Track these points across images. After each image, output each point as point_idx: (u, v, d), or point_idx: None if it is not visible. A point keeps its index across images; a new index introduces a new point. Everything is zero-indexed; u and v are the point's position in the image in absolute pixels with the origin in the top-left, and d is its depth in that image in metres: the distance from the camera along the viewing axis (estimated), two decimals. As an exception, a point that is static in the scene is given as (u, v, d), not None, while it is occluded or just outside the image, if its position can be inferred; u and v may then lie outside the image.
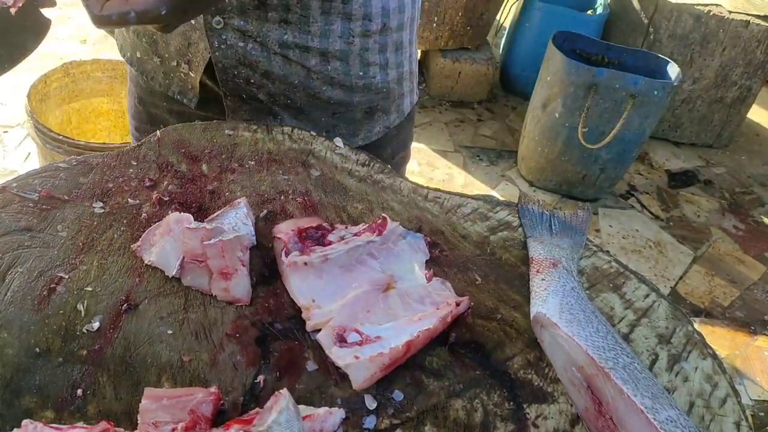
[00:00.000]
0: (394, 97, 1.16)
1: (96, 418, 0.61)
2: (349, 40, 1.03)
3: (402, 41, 1.11)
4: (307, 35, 1.01)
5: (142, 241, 0.78)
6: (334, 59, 1.05)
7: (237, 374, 0.68)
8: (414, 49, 1.19)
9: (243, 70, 1.04)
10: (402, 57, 1.13)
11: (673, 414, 0.62)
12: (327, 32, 1.01)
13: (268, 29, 1.00)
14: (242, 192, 0.90)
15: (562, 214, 0.94)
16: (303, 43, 1.02)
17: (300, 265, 0.77)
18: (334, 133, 1.12)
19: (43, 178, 0.86)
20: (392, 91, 1.14)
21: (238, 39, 1.01)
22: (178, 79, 1.12)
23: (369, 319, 0.74)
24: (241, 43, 1.01)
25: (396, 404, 0.68)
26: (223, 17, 1.00)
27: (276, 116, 1.10)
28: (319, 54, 1.03)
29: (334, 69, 1.05)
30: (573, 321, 0.73)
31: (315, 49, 1.03)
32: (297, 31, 1.01)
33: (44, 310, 0.70)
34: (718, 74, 3.56)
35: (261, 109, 1.09)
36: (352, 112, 1.12)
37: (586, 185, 3.13)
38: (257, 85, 1.06)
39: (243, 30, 1.00)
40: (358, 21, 1.02)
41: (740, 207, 3.38)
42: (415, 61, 1.21)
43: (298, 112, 1.09)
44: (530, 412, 0.70)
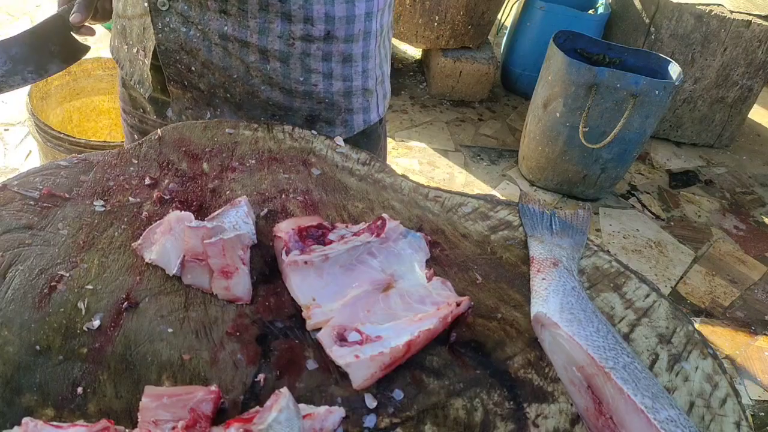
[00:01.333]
0: (340, 110, 1.12)
1: (96, 416, 0.61)
2: (290, 41, 1.02)
3: (352, 54, 1.07)
4: (246, 30, 1.00)
5: (142, 239, 0.78)
6: (273, 59, 1.03)
7: (237, 373, 0.68)
8: (371, 65, 1.13)
9: (184, 57, 1.04)
10: (351, 70, 1.09)
11: (673, 414, 0.62)
12: (266, 30, 1.00)
13: (209, 18, 1.00)
14: (243, 191, 0.90)
15: (563, 213, 0.94)
16: (242, 37, 1.01)
17: (300, 264, 0.77)
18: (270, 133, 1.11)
19: (44, 177, 0.86)
20: (337, 103, 1.11)
21: (181, 24, 1.01)
22: (138, 67, 1.13)
23: (369, 318, 0.75)
24: (183, 29, 1.01)
25: (396, 403, 0.68)
26: (169, 1, 0.99)
27: (216, 108, 1.09)
28: (258, 51, 1.02)
29: (273, 69, 1.04)
30: (573, 320, 0.73)
31: (254, 45, 1.02)
32: (236, 25, 1.00)
33: (45, 308, 0.70)
34: (719, 74, 3.56)
35: (201, 99, 1.08)
36: (292, 117, 1.10)
37: (586, 185, 3.13)
38: (198, 73, 1.05)
39: (186, 15, 1.00)
40: (299, 24, 1.01)
41: (741, 207, 3.38)
42: (374, 79, 1.16)
43: (237, 108, 1.08)
44: (530, 412, 0.70)
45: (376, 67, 1.15)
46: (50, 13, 1.17)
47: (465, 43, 3.72)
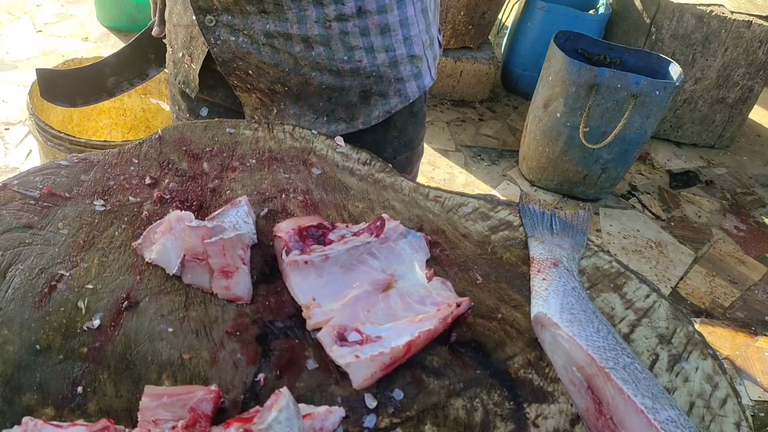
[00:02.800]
0: (390, 81, 1.14)
1: (96, 416, 0.61)
2: (327, 24, 1.04)
3: (388, 24, 1.08)
4: (286, 23, 1.03)
5: (143, 239, 0.78)
6: (316, 44, 1.06)
7: (237, 372, 0.68)
8: (414, 32, 1.12)
9: (240, 63, 1.09)
10: (391, 40, 1.10)
11: (674, 414, 0.62)
12: (303, 18, 1.03)
13: (252, 21, 1.04)
14: (243, 190, 0.90)
15: (563, 213, 0.94)
16: (284, 30, 1.04)
17: (300, 263, 0.77)
18: (334, 117, 1.14)
19: (44, 176, 0.86)
20: (385, 75, 1.12)
21: (230, 34, 1.06)
22: (183, 70, 1.20)
23: (369, 318, 0.75)
24: (232, 38, 1.06)
25: (396, 403, 0.68)
26: (213, 15, 1.05)
27: (280, 103, 1.13)
28: (301, 40, 1.05)
29: (318, 54, 1.07)
30: (574, 321, 0.73)
31: (296, 36, 1.05)
32: (276, 20, 1.03)
33: (45, 307, 0.70)
34: (719, 74, 3.56)
35: (266, 98, 1.13)
36: (347, 96, 1.12)
37: (587, 185, 3.12)
38: (255, 75, 1.10)
39: (231, 25, 1.05)
40: (331, 5, 1.03)
41: (741, 208, 3.38)
42: (420, 45, 1.15)
43: (296, 99, 1.12)
44: (530, 412, 0.70)
45: (421, 32, 1.15)
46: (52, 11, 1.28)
47: (465, 43, 3.72)
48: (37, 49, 3.50)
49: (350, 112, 1.14)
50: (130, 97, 2.43)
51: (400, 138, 1.23)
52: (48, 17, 3.80)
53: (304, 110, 1.13)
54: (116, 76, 1.33)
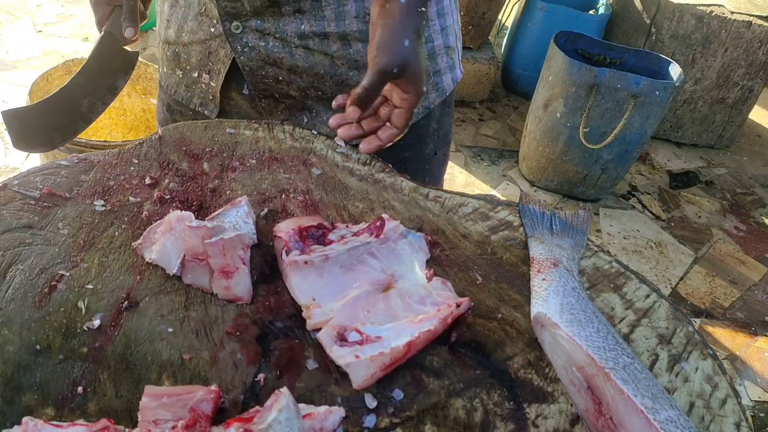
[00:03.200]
0: (429, 74, 1.11)
1: (96, 416, 0.62)
2: (366, 19, 1.02)
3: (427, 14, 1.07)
4: (323, 21, 1.01)
5: (143, 239, 0.78)
6: (354, 41, 1.03)
7: (237, 372, 0.68)
8: (449, 22, 1.13)
9: (270, 70, 1.05)
10: (429, 31, 1.09)
11: (673, 414, 0.62)
12: (342, 14, 1.01)
13: (284, 23, 1.00)
14: (243, 190, 0.90)
15: (563, 214, 0.94)
16: (320, 30, 1.01)
17: (300, 264, 0.77)
18: None
19: (44, 176, 0.86)
20: None
21: (259, 39, 1.02)
22: (199, 91, 1.14)
23: (369, 318, 0.75)
24: (262, 43, 1.02)
25: (396, 403, 0.68)
26: (240, 21, 1.01)
27: (311, 110, 1.09)
28: (338, 38, 1.02)
29: (356, 51, 1.04)
30: (573, 321, 0.73)
31: (334, 34, 1.02)
32: (312, 19, 1.00)
33: (45, 307, 0.70)
34: (719, 75, 3.56)
35: (295, 106, 1.09)
36: None
37: (587, 185, 3.12)
38: (286, 81, 1.06)
39: (261, 29, 1.01)
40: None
41: (741, 208, 3.38)
42: (453, 35, 1.16)
43: (329, 102, 1.08)
44: (530, 412, 0.70)
45: (454, 23, 1.15)
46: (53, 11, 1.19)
47: (466, 43, 3.72)
48: (37, 49, 3.50)
49: None
50: (130, 97, 2.43)
51: (439, 132, 1.21)
52: (48, 17, 3.80)
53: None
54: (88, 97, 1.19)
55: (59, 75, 2.28)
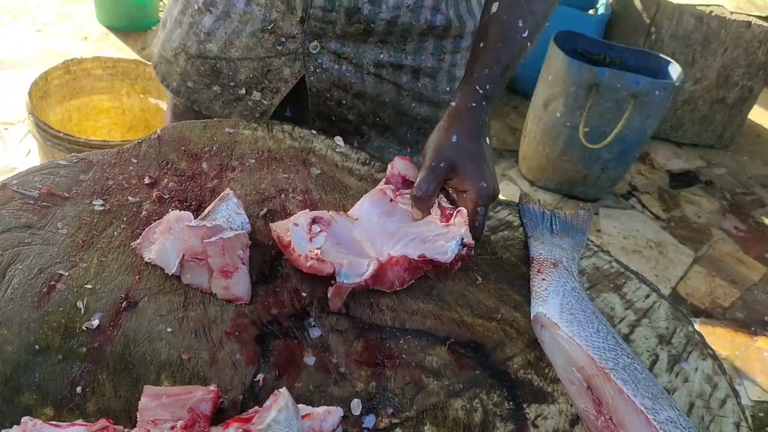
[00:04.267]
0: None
1: (95, 416, 0.61)
2: (441, 57, 1.04)
3: None
4: (402, 53, 1.02)
5: (142, 238, 0.78)
6: (424, 76, 1.05)
7: (236, 373, 0.68)
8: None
9: (336, 92, 1.05)
10: None
11: (673, 415, 0.62)
12: (420, 49, 1.02)
13: (364, 50, 1.01)
14: (242, 190, 0.90)
15: (563, 213, 0.94)
16: (397, 61, 1.03)
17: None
18: (417, 148, 1.12)
19: (43, 176, 0.86)
20: None
21: (334, 62, 1.02)
22: (242, 108, 1.10)
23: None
24: (336, 66, 1.02)
25: (395, 403, 0.68)
26: (320, 41, 1.00)
27: (363, 135, 1.10)
28: (411, 71, 1.04)
29: (423, 85, 1.06)
30: (573, 321, 0.73)
31: (408, 67, 1.04)
32: (393, 50, 1.02)
33: (44, 307, 0.70)
34: (719, 75, 3.55)
35: (347, 130, 1.09)
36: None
37: (587, 185, 3.12)
38: (348, 106, 1.07)
39: (339, 52, 1.01)
40: (451, 38, 1.03)
41: (741, 208, 3.38)
42: None
43: (384, 130, 1.10)
44: (530, 412, 0.70)
45: None
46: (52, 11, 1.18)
47: (465, 43, 3.72)
48: (36, 48, 3.49)
49: None
50: (129, 97, 2.43)
51: None
52: (48, 17, 3.80)
53: (389, 141, 1.11)
54: None
55: (59, 75, 2.28)
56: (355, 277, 0.75)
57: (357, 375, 0.70)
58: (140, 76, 2.39)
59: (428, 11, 0.99)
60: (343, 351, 0.72)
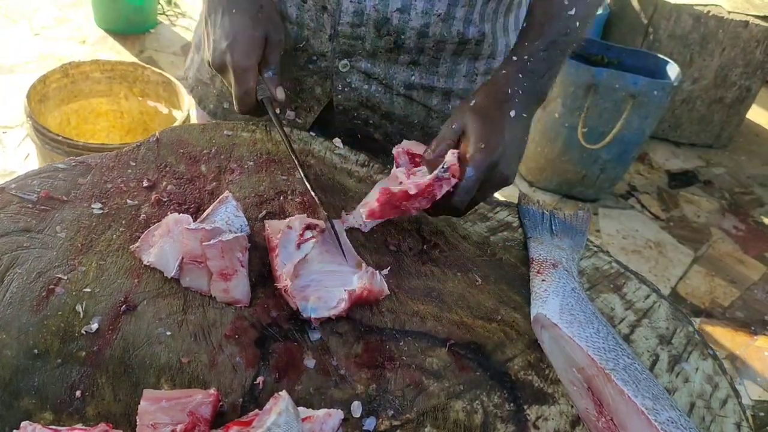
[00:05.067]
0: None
1: (95, 420, 0.61)
2: (473, 78, 1.04)
3: None
4: (434, 76, 1.02)
5: (141, 242, 0.78)
6: (455, 98, 1.05)
7: (236, 376, 0.68)
8: None
9: (363, 112, 1.05)
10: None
11: (674, 415, 0.62)
12: (453, 72, 1.02)
13: (395, 71, 1.00)
14: (241, 192, 0.90)
15: (562, 214, 0.94)
16: (429, 83, 1.02)
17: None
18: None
19: (42, 179, 0.85)
20: None
21: (363, 82, 1.01)
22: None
23: None
24: (365, 86, 1.01)
25: (396, 405, 0.68)
26: (350, 60, 0.99)
27: (389, 155, 1.08)
28: (442, 93, 1.04)
29: (453, 107, 1.05)
30: (573, 322, 0.72)
31: (439, 89, 1.03)
32: (425, 72, 1.01)
33: (43, 311, 0.70)
34: (717, 74, 3.56)
35: (373, 149, 1.08)
36: None
37: (586, 185, 3.12)
38: (375, 125, 1.06)
39: (369, 72, 1.00)
40: (484, 60, 1.03)
41: (740, 207, 3.38)
42: None
43: None
44: (531, 414, 0.70)
45: None
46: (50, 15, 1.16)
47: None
48: (34, 52, 3.49)
49: None
50: (127, 100, 2.43)
51: None
52: (45, 21, 3.79)
53: None
54: None
55: (56, 78, 2.28)
56: (324, 311, 0.74)
57: (357, 377, 0.70)
58: (138, 79, 2.39)
59: (460, 23, 0.97)
60: (343, 353, 0.72)
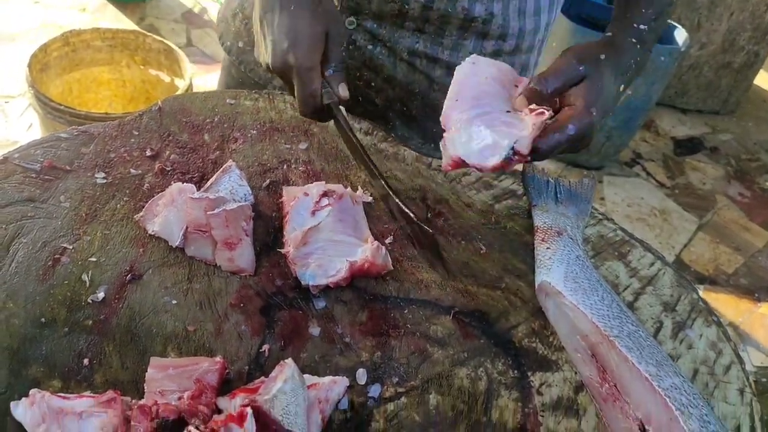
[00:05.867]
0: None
1: (103, 387, 0.62)
2: None
3: (528, 63, 1.08)
4: (439, 47, 1.00)
5: (145, 211, 0.78)
6: None
7: (242, 344, 0.68)
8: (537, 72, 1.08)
9: (366, 73, 1.04)
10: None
11: (677, 381, 0.62)
12: (458, 46, 1.00)
13: (400, 36, 0.99)
14: (244, 161, 0.90)
15: (567, 182, 0.94)
16: (433, 54, 1.01)
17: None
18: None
19: (44, 149, 0.85)
20: None
21: (368, 41, 1.00)
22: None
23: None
24: (370, 46, 1.01)
25: (400, 373, 0.68)
26: (357, 18, 0.98)
27: (388, 122, 1.08)
28: (446, 66, 1.02)
29: None
30: (578, 289, 0.72)
31: (443, 62, 1.02)
32: (429, 42, 1.00)
33: (49, 280, 0.70)
34: (725, 39, 3.51)
35: (374, 113, 1.07)
36: None
37: (591, 153, 3.11)
38: (377, 89, 1.05)
39: (374, 33, 1.00)
40: (493, 40, 1.01)
41: (746, 174, 3.36)
42: None
43: (410, 120, 1.08)
44: (534, 380, 0.70)
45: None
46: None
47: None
48: (35, 21, 3.46)
49: None
50: (129, 68, 2.41)
51: None
52: (45, -12, 3.75)
53: (413, 133, 1.09)
54: None
55: (57, 47, 2.26)
56: (322, 279, 0.74)
57: (362, 345, 0.70)
58: (140, 47, 2.37)
59: (466, 0, 0.95)
60: (348, 321, 0.72)
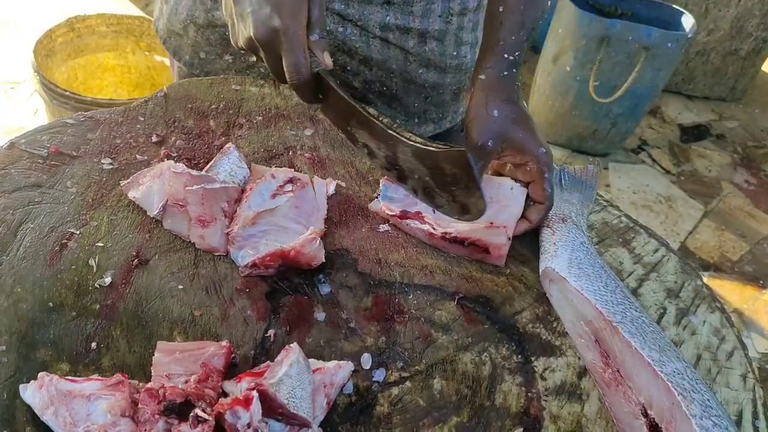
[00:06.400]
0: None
1: (110, 371, 0.63)
2: (448, 19, 1.02)
3: None
4: (409, 16, 0.99)
5: (131, 179, 0.79)
6: (431, 39, 1.03)
7: (248, 328, 0.69)
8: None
9: (340, 57, 1.02)
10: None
11: (680, 367, 0.62)
12: (428, 11, 1.00)
13: (370, 12, 0.98)
14: (250, 147, 0.90)
15: (572, 169, 0.94)
16: (404, 24, 1.00)
17: None
18: (425, 117, 1.11)
19: (51, 135, 0.86)
20: None
21: (338, 24, 0.99)
22: (255, 75, 1.07)
23: None
24: (340, 28, 0.99)
25: (405, 358, 0.69)
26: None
27: (369, 104, 1.07)
28: (418, 35, 1.01)
29: (430, 50, 1.03)
30: (582, 275, 0.73)
31: (415, 30, 1.01)
32: (399, 12, 0.99)
33: (56, 265, 0.71)
34: (733, 25, 3.48)
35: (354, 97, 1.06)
36: (443, 94, 1.10)
37: (596, 140, 3.10)
38: (354, 72, 1.04)
39: (343, 14, 0.98)
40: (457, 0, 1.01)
41: (752, 161, 3.35)
42: None
43: (391, 99, 1.08)
44: (538, 365, 0.70)
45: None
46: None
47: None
48: (41, 5, 3.46)
49: (441, 111, 1.12)
50: (134, 54, 2.41)
51: None
52: (50, -27, 3.74)
53: (396, 112, 1.09)
54: None
55: (63, 33, 2.26)
56: (248, 258, 0.74)
57: (367, 330, 0.71)
58: (145, 33, 2.36)
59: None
60: (353, 306, 0.73)
